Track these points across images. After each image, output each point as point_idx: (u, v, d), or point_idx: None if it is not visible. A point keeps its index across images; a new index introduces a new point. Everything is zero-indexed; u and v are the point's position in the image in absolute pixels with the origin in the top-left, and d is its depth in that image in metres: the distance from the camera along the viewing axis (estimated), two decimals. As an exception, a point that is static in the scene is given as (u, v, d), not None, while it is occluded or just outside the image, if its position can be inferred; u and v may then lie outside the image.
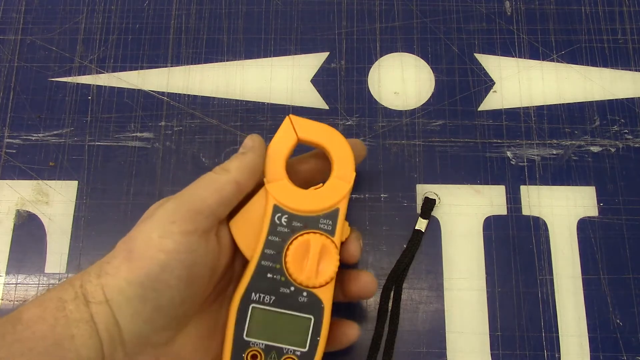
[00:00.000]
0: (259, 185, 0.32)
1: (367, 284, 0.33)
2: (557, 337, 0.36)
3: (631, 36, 0.43)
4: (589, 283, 0.37)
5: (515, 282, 0.38)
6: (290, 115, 0.33)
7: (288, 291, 0.30)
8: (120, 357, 0.28)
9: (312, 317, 0.30)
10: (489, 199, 0.39)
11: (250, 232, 0.31)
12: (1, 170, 0.41)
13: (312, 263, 0.30)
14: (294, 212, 0.31)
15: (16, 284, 0.38)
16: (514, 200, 0.39)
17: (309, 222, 0.31)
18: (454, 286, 0.38)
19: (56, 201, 0.40)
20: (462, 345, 0.36)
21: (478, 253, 0.38)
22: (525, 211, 0.39)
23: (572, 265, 0.38)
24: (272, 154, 0.32)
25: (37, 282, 0.38)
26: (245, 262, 0.32)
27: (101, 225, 0.39)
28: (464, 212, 0.39)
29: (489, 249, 0.38)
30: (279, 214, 0.31)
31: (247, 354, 0.30)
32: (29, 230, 0.39)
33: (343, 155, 0.32)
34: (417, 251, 0.38)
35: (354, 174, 0.32)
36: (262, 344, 0.30)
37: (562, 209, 0.39)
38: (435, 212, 0.39)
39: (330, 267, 0.31)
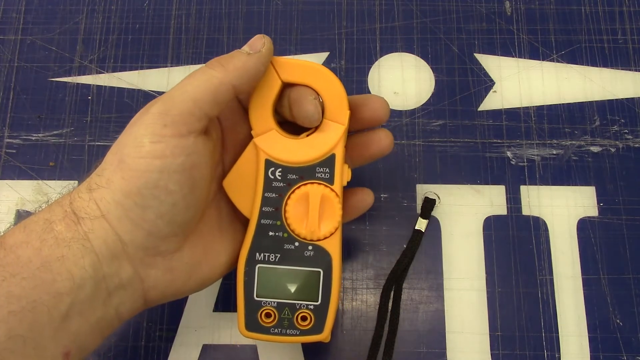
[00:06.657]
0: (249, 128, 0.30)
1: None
2: (557, 337, 0.36)
3: (631, 36, 0.43)
4: (589, 283, 0.37)
5: (515, 282, 0.38)
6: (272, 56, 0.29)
7: (292, 247, 0.30)
8: (128, 273, 0.26)
9: (320, 270, 0.30)
10: (489, 199, 0.39)
11: (245, 189, 0.30)
12: (1, 170, 0.41)
13: (313, 215, 0.29)
14: (287, 164, 0.29)
15: (16, 284, 0.38)
16: (514, 200, 0.39)
17: (305, 173, 0.29)
18: (454, 286, 0.38)
19: (56, 201, 0.40)
20: (462, 345, 0.36)
21: (478, 253, 0.38)
22: (525, 211, 0.39)
23: (572, 265, 0.38)
24: (256, 103, 0.29)
25: (37, 282, 0.38)
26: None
27: (101, 225, 0.39)
28: (464, 212, 0.39)
29: (489, 249, 0.38)
30: (272, 168, 0.29)
31: (261, 314, 0.29)
32: (29, 230, 0.39)
33: (334, 94, 0.29)
34: (417, 251, 0.38)
35: (347, 113, 0.29)
36: (274, 302, 0.30)
37: (562, 209, 0.39)
38: (435, 212, 0.39)
39: (333, 217, 0.29)
